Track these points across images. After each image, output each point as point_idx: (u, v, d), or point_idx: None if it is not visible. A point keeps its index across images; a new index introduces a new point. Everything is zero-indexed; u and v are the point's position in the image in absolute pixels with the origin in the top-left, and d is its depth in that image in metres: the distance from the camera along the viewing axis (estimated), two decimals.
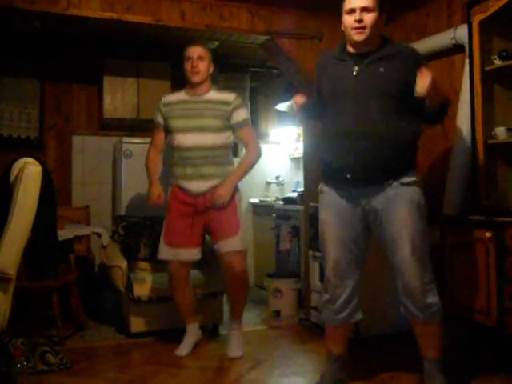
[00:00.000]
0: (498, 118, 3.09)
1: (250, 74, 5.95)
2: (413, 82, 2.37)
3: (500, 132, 3.02)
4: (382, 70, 2.44)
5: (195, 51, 3.26)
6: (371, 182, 2.48)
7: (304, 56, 4.11)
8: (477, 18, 3.07)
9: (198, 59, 3.24)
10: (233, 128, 3.32)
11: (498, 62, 3.04)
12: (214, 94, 3.33)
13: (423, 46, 3.76)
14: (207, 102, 3.29)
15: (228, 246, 3.26)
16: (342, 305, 2.61)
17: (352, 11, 2.44)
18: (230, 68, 5.82)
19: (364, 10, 2.42)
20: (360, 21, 2.42)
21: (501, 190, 3.07)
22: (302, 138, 4.95)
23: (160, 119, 3.38)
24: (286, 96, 5.61)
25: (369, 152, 2.42)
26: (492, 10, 2.98)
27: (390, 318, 3.42)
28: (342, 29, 2.53)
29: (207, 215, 3.29)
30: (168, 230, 3.33)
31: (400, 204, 2.46)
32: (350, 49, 2.55)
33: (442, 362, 2.56)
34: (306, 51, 4.12)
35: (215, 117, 3.26)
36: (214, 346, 3.49)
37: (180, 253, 3.28)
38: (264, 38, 4.11)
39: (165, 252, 3.32)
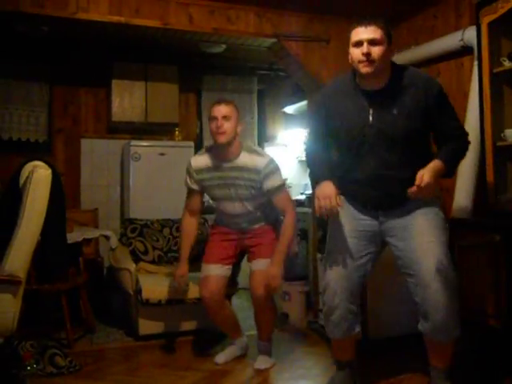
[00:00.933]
0: (508, 120, 3.07)
1: (258, 76, 5.97)
2: (427, 111, 2.37)
3: (509, 134, 3.00)
4: (395, 112, 2.37)
5: (220, 110, 3.06)
6: (390, 207, 2.49)
7: (311, 58, 4.12)
8: (485, 20, 3.05)
9: (224, 119, 3.04)
10: (267, 195, 3.15)
11: (507, 64, 3.02)
12: (244, 159, 3.10)
13: (431, 48, 3.75)
14: (238, 169, 3.10)
15: (261, 264, 3.17)
16: (340, 316, 2.56)
17: (359, 44, 2.33)
18: (238, 71, 5.83)
19: (371, 42, 2.30)
20: (368, 54, 2.30)
21: (510, 192, 3.05)
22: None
23: (194, 185, 3.25)
24: (294, 98, 5.63)
25: (389, 193, 2.44)
26: (501, 11, 2.97)
27: (397, 321, 3.41)
28: (350, 61, 2.42)
29: (246, 240, 3.29)
30: (210, 248, 3.32)
31: (420, 217, 2.44)
32: (362, 81, 2.43)
33: (450, 371, 2.53)
34: (314, 54, 4.12)
35: (247, 187, 3.12)
36: (222, 348, 3.48)
37: (210, 268, 3.23)
38: (271, 40, 4.11)
39: (204, 268, 3.27)
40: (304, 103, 5.06)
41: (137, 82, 5.22)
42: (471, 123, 3.32)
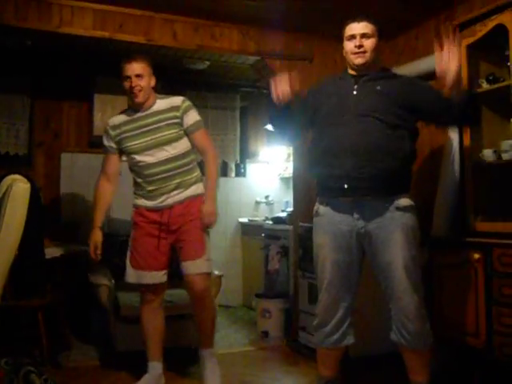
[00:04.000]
0: (486, 140, 3.12)
1: (241, 93, 5.99)
2: (410, 106, 2.51)
3: (488, 154, 3.05)
4: (378, 87, 2.54)
5: (133, 69, 2.98)
6: (368, 192, 2.47)
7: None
8: (464, 42, 3.12)
9: (137, 77, 2.97)
10: (186, 133, 3.11)
11: (485, 86, 3.08)
12: (161, 103, 3.09)
13: (412, 68, 3.81)
14: (157, 113, 3.06)
15: (194, 267, 3.05)
16: (333, 327, 2.59)
17: (352, 37, 2.56)
18: (221, 87, 5.85)
19: (363, 36, 2.54)
20: (360, 46, 2.54)
21: (489, 211, 3.09)
22: (291, 158, 4.97)
23: (111, 143, 3.12)
24: None
25: (367, 163, 2.44)
26: (479, 34, 3.03)
27: (378, 339, 3.40)
28: (344, 54, 2.64)
29: (174, 234, 3.07)
30: (133, 250, 3.11)
31: (395, 229, 2.48)
32: (351, 71, 2.65)
33: None
34: (297, 72, 4.14)
35: (169, 127, 3.05)
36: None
37: (143, 275, 3.06)
38: (255, 58, 4.15)
39: (129, 274, 3.10)
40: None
41: (119, 97, 5.19)
42: (451, 142, 3.37)
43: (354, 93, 2.56)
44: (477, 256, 2.85)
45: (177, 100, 3.12)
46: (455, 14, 3.60)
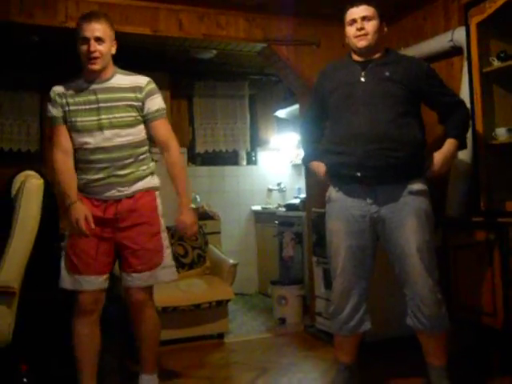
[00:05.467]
0: (499, 119, 3.09)
1: (249, 81, 5.97)
2: (418, 91, 2.52)
3: (500, 133, 3.01)
4: (387, 73, 2.52)
5: (93, 30, 2.49)
6: (381, 180, 2.48)
7: (302, 62, 4.13)
8: (474, 20, 3.07)
9: (97, 41, 2.51)
10: (145, 120, 2.63)
11: (496, 64, 3.04)
12: (121, 79, 2.61)
13: (421, 49, 3.77)
14: (116, 90, 2.58)
15: (138, 281, 2.61)
16: (349, 314, 2.59)
17: (353, 21, 2.55)
18: (229, 76, 5.83)
19: (364, 18, 2.53)
20: (361, 29, 2.52)
21: (503, 190, 3.06)
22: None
23: (59, 113, 2.57)
24: (285, 102, 5.64)
25: (380, 151, 2.44)
26: (489, 11, 2.99)
27: (394, 322, 3.40)
28: (346, 41, 2.63)
29: (123, 232, 2.59)
30: (69, 250, 2.58)
31: (409, 213, 2.47)
32: (356, 57, 2.62)
33: (448, 370, 2.55)
34: (304, 58, 4.13)
35: (127, 108, 2.58)
36: (220, 355, 3.47)
37: (81, 281, 2.53)
38: (261, 45, 4.12)
39: (64, 279, 2.57)
40: (296, 107, 5.06)
41: None
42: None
43: (362, 80, 2.54)
44: (492, 236, 2.83)
45: (141, 80, 2.64)
46: None
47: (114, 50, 2.62)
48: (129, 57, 5.01)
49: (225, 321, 3.93)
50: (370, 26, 2.52)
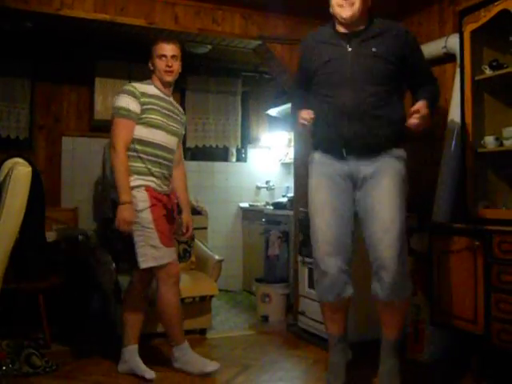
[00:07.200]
0: (488, 127, 3.11)
1: (242, 78, 5.96)
2: (404, 58, 2.53)
3: (489, 141, 3.04)
4: (374, 49, 2.51)
5: (171, 50, 3.07)
6: (364, 155, 2.53)
7: (296, 61, 4.10)
8: (468, 28, 3.09)
9: (173, 58, 3.07)
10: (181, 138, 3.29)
11: (488, 72, 3.06)
12: (173, 101, 3.24)
13: None
14: (174, 106, 3.20)
15: None
16: (334, 276, 2.56)
17: None
18: (222, 72, 5.82)
19: None
20: None
21: (489, 198, 3.09)
22: (292, 143, 4.96)
23: (137, 109, 2.99)
24: (278, 101, 5.64)
25: (365, 129, 2.48)
26: (484, 19, 3.00)
27: (375, 324, 3.42)
28: (330, 11, 2.56)
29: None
30: (161, 228, 2.97)
31: (386, 174, 2.52)
32: (341, 29, 2.58)
33: (399, 345, 2.60)
34: (298, 57, 4.12)
35: (180, 124, 3.21)
36: (201, 350, 3.46)
37: (173, 252, 3.09)
38: (256, 42, 4.12)
39: (165, 254, 2.97)
40: (288, 106, 5.06)
41: (121, 81, 5.17)
42: (452, 129, 3.36)
43: (348, 56, 2.52)
44: (476, 243, 2.86)
45: (180, 108, 3.30)
46: None
47: (180, 71, 3.16)
48: (123, 48, 5.03)
49: (208, 316, 3.93)
50: None
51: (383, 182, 2.51)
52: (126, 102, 2.97)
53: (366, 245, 2.57)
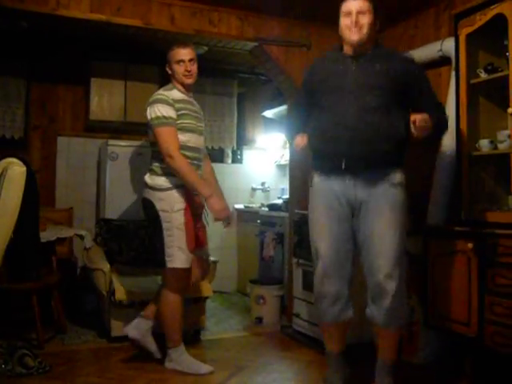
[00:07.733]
0: (483, 131, 3.12)
1: (238, 79, 5.96)
2: (406, 84, 2.55)
3: (483, 144, 3.05)
4: (377, 66, 2.55)
5: (188, 54, 3.19)
6: (364, 169, 2.54)
7: (292, 63, 4.14)
8: (464, 32, 3.10)
9: (190, 62, 3.19)
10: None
11: (483, 76, 3.07)
12: (193, 100, 3.33)
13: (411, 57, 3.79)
14: (196, 106, 3.32)
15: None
16: (332, 299, 2.60)
17: (349, 14, 2.56)
18: (218, 73, 5.82)
19: (360, 12, 2.54)
20: (356, 22, 2.53)
21: (484, 201, 3.10)
22: (288, 145, 4.96)
23: (175, 116, 3.10)
24: (274, 103, 5.64)
25: (365, 144, 2.49)
26: (479, 23, 3.02)
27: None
28: (339, 32, 2.63)
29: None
30: (190, 232, 3.08)
31: (386, 204, 2.53)
32: (348, 51, 2.64)
33: (393, 368, 2.63)
34: (294, 59, 4.14)
35: (202, 122, 3.33)
36: (195, 351, 3.46)
37: (190, 257, 3.13)
38: (253, 44, 4.12)
39: (190, 259, 3.10)
40: (284, 108, 5.07)
41: (116, 81, 5.17)
42: (447, 132, 3.36)
43: (352, 71, 2.56)
44: (470, 245, 2.87)
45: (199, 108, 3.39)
46: (455, 2, 3.59)
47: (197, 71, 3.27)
48: (119, 48, 5.02)
49: (202, 318, 3.92)
50: (365, 20, 2.53)
51: (382, 210, 2.52)
52: (165, 110, 3.07)
53: (363, 269, 2.60)
